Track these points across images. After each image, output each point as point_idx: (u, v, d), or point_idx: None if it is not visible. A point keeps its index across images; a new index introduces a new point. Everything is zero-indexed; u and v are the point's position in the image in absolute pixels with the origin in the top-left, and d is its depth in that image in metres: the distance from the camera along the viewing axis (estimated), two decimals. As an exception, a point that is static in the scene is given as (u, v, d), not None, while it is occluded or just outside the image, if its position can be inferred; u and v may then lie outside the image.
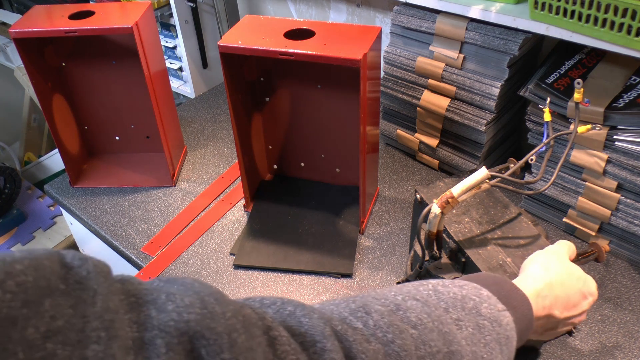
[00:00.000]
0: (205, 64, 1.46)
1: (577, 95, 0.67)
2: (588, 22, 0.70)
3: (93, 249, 1.20)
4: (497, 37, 0.86)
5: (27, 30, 0.91)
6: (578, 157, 0.82)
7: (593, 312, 0.78)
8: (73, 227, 1.21)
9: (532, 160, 0.68)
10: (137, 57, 0.96)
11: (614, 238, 0.86)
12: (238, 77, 0.91)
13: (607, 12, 0.67)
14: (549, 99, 0.74)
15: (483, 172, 0.63)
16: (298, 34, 0.82)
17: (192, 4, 1.33)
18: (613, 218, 0.83)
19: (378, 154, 1.02)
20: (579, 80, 0.66)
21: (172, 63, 1.49)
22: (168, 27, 1.41)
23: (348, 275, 0.87)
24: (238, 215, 1.01)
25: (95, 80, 1.09)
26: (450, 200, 0.62)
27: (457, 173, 1.04)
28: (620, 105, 0.76)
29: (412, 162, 1.12)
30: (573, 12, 0.71)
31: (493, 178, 0.64)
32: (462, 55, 0.92)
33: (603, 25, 0.69)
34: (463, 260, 0.68)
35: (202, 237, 0.97)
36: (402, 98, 1.04)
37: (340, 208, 1.00)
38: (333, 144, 1.01)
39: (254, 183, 1.05)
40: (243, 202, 1.03)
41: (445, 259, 0.71)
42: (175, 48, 1.44)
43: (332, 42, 0.79)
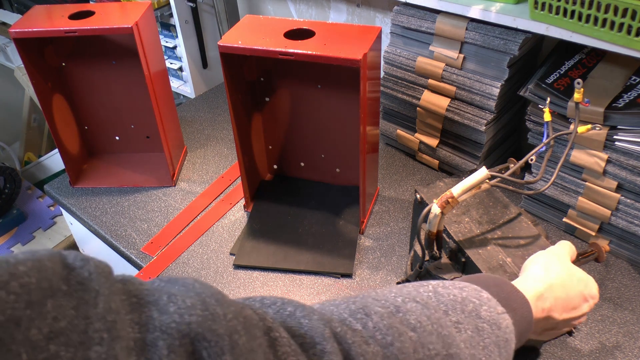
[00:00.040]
0: (205, 64, 1.46)
1: (577, 95, 0.67)
2: (588, 22, 0.70)
3: (93, 249, 1.20)
4: (497, 37, 0.86)
5: (27, 30, 0.91)
6: (578, 157, 0.82)
7: (593, 312, 0.78)
8: (73, 227, 1.21)
9: (532, 160, 0.68)
10: (137, 57, 0.96)
11: (614, 238, 0.86)
12: (238, 77, 0.91)
13: (607, 12, 0.67)
14: (549, 99, 0.74)
15: (483, 172, 0.63)
16: (298, 34, 0.82)
17: (192, 4, 1.33)
18: (613, 218, 0.83)
19: (378, 154, 1.02)
20: (579, 80, 0.66)
21: (172, 63, 1.49)
22: (168, 27, 1.41)
23: (348, 275, 0.87)
24: (238, 215, 1.01)
25: (95, 80, 1.09)
26: (450, 200, 0.62)
27: (457, 173, 1.04)
28: (620, 105, 0.76)
29: (412, 162, 1.12)
30: (573, 12, 0.71)
31: (493, 178, 0.64)
32: (462, 55, 0.92)
33: (603, 25, 0.69)
34: (463, 260, 0.68)
35: (202, 237, 0.97)
36: (402, 98, 1.04)
37: (340, 208, 1.00)
38: (333, 144, 1.01)
39: (254, 183, 1.05)
40: (243, 202, 1.03)
41: (445, 259, 0.71)
42: (175, 48, 1.44)
43: (332, 42, 0.79)
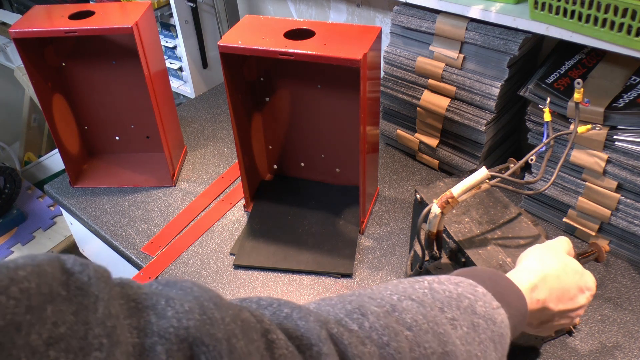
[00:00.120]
0: (205, 64, 1.46)
1: (577, 95, 0.67)
2: (588, 22, 0.70)
3: (93, 249, 1.20)
4: (497, 37, 0.86)
5: (27, 30, 0.91)
6: (578, 157, 0.82)
7: (593, 312, 0.78)
8: (73, 227, 1.21)
9: (532, 160, 0.68)
10: (137, 57, 0.96)
11: (614, 238, 0.86)
12: (238, 77, 0.91)
13: (607, 12, 0.67)
14: (549, 99, 0.74)
15: (483, 172, 0.63)
16: (298, 34, 0.82)
17: (192, 4, 1.33)
18: (613, 218, 0.83)
19: (378, 154, 1.02)
20: (579, 80, 0.66)
21: (172, 63, 1.49)
22: (168, 27, 1.41)
23: (348, 275, 0.87)
24: (238, 215, 1.01)
25: (95, 80, 1.09)
26: (450, 200, 0.62)
27: (457, 173, 1.04)
28: (620, 105, 0.76)
29: (412, 162, 1.12)
30: (573, 12, 0.71)
31: (493, 178, 0.64)
32: (462, 55, 0.92)
33: (603, 25, 0.69)
34: (463, 260, 0.68)
35: (202, 237, 0.97)
36: (402, 98, 1.04)
37: (340, 208, 1.00)
38: (333, 144, 1.01)
39: (254, 183, 1.05)
40: (243, 202, 1.02)
41: (445, 259, 0.71)
42: (175, 48, 1.44)
43: (332, 42, 0.79)
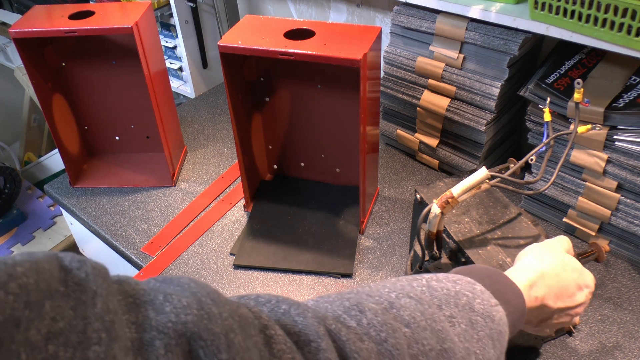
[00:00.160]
0: (205, 64, 1.46)
1: (577, 96, 0.67)
2: (588, 22, 0.70)
3: (93, 249, 1.20)
4: (497, 37, 0.86)
5: (27, 30, 0.91)
6: (578, 157, 0.82)
7: (593, 312, 0.78)
8: (73, 227, 1.21)
9: (532, 161, 0.68)
10: (137, 57, 0.96)
11: (614, 238, 0.86)
12: (238, 77, 0.91)
13: (607, 12, 0.67)
14: (549, 99, 0.74)
15: (483, 172, 0.63)
16: (298, 34, 0.82)
17: (192, 4, 1.33)
18: (613, 218, 0.83)
19: (378, 154, 1.02)
20: (579, 80, 0.66)
21: (172, 63, 1.49)
22: (168, 27, 1.41)
23: (348, 275, 0.87)
24: (238, 215, 1.01)
25: (95, 80, 1.09)
26: (450, 200, 0.62)
27: (457, 173, 1.04)
28: (620, 105, 0.76)
29: (412, 162, 1.12)
30: (573, 12, 0.71)
31: (493, 178, 0.64)
32: (462, 55, 0.92)
33: (603, 25, 0.69)
34: (463, 260, 0.68)
35: (202, 237, 0.97)
36: (402, 98, 1.04)
37: (340, 208, 1.00)
38: (333, 144, 1.01)
39: (254, 183, 1.05)
40: (243, 202, 1.03)
41: (445, 259, 0.71)
42: (175, 48, 1.44)
43: (332, 42, 0.79)
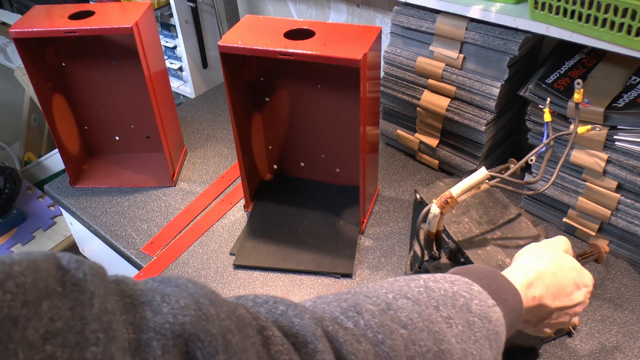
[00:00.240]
0: (205, 64, 1.46)
1: (577, 96, 0.67)
2: (588, 22, 0.70)
3: (93, 249, 1.20)
4: (497, 37, 0.86)
5: (27, 30, 0.91)
6: (578, 157, 0.82)
7: (593, 312, 0.78)
8: (73, 227, 1.21)
9: (532, 161, 0.68)
10: (137, 57, 0.96)
11: (614, 238, 0.86)
12: (238, 77, 0.91)
13: (607, 12, 0.67)
14: (549, 100, 0.74)
15: (482, 172, 0.63)
16: (298, 34, 0.82)
17: (192, 4, 1.33)
18: (613, 218, 0.83)
19: (378, 154, 1.02)
20: (579, 81, 0.66)
21: (172, 63, 1.49)
22: (168, 27, 1.41)
23: (348, 275, 0.87)
24: (238, 215, 1.01)
25: (95, 80, 1.09)
26: (450, 201, 0.62)
27: (457, 173, 1.04)
28: (620, 105, 0.76)
29: (412, 162, 1.12)
30: (573, 12, 0.71)
31: (492, 178, 0.64)
32: (462, 55, 0.92)
33: (603, 25, 0.69)
34: (462, 261, 0.68)
35: (202, 237, 0.97)
36: (402, 98, 1.04)
37: (340, 208, 1.00)
38: (333, 144, 1.01)
39: (254, 183, 1.05)
40: (243, 202, 1.02)
41: (445, 259, 0.71)
42: (175, 48, 1.44)
43: (332, 42, 0.79)
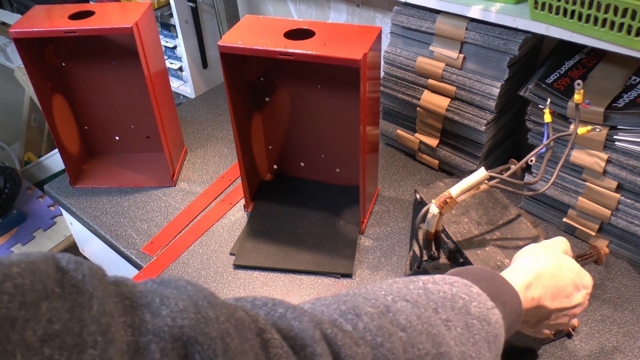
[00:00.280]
0: (205, 64, 1.46)
1: (577, 97, 0.67)
2: (588, 22, 0.70)
3: (93, 249, 1.20)
4: (497, 37, 0.86)
5: (27, 30, 0.91)
6: (578, 157, 0.82)
7: (593, 312, 0.78)
8: (73, 227, 1.21)
9: (532, 161, 0.68)
10: (137, 57, 0.96)
11: (614, 238, 0.86)
12: (238, 77, 0.91)
13: (607, 12, 0.67)
14: (549, 100, 0.73)
15: (482, 172, 0.63)
16: (298, 34, 0.82)
17: (192, 4, 1.33)
18: (613, 218, 0.83)
19: (378, 154, 1.02)
20: (579, 82, 0.66)
21: (172, 63, 1.49)
22: (168, 27, 1.41)
23: (348, 275, 0.87)
24: (238, 215, 1.01)
25: (95, 80, 1.09)
26: (449, 201, 0.62)
27: (457, 173, 1.04)
28: (620, 105, 0.76)
29: (412, 162, 1.12)
30: (573, 12, 0.71)
31: (492, 179, 0.64)
32: (462, 55, 0.92)
33: (603, 25, 0.69)
34: (461, 261, 0.68)
35: (202, 237, 0.97)
36: (402, 98, 1.04)
37: (340, 208, 1.00)
38: (333, 144, 1.01)
39: (254, 183, 1.05)
40: (243, 202, 1.02)
41: (444, 260, 0.71)
42: (175, 48, 1.44)
43: (332, 42, 0.79)
